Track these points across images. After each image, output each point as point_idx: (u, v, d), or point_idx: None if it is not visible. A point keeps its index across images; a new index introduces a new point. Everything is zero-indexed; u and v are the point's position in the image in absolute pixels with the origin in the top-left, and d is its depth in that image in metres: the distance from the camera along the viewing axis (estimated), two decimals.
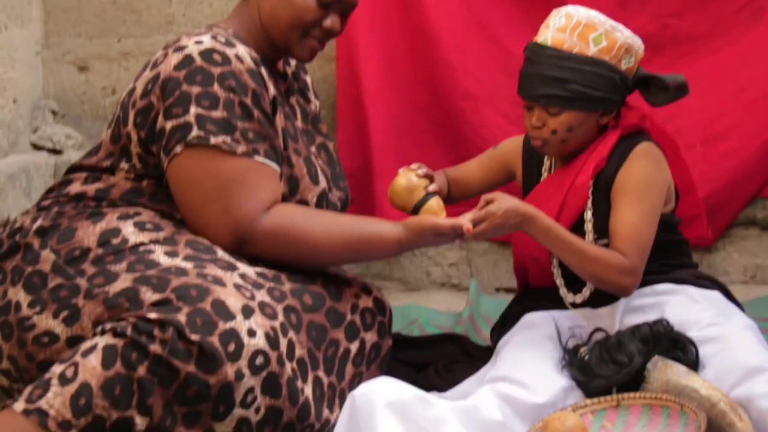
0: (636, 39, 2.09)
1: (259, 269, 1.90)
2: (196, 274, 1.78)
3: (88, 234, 1.86)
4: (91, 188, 1.97)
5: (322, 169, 2.09)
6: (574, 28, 2.05)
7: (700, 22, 2.93)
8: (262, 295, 1.82)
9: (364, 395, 1.70)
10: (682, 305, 2.03)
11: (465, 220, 1.94)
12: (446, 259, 3.08)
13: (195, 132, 1.86)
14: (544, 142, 2.09)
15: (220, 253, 1.89)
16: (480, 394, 1.84)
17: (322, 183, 2.06)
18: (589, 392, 1.90)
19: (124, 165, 1.97)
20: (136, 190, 1.96)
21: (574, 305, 2.13)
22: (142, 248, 1.84)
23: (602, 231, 2.07)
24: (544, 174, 2.20)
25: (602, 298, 2.09)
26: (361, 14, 2.96)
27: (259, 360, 1.73)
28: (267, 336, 1.75)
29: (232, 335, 1.71)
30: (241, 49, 1.94)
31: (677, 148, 2.25)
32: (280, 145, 1.97)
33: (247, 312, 1.74)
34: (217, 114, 1.87)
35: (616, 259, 2.00)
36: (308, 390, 1.83)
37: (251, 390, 1.72)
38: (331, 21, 2.01)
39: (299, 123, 2.13)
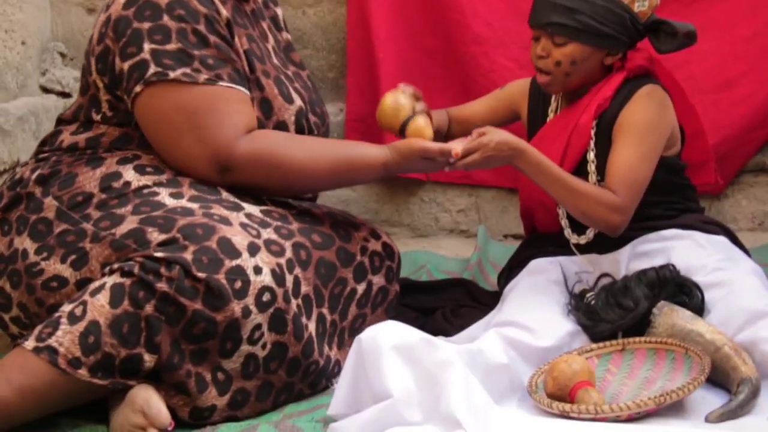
0: None
1: (265, 208, 1.90)
2: (202, 214, 1.79)
3: (89, 179, 1.87)
4: (81, 138, 1.96)
5: (296, 90, 2.07)
6: None
7: None
8: (268, 233, 1.82)
9: (371, 338, 1.71)
10: (688, 250, 2.03)
11: (454, 145, 1.94)
12: (455, 205, 3.08)
13: (152, 69, 1.84)
14: (548, 73, 2.08)
15: (225, 194, 1.89)
16: (486, 337, 1.86)
17: (298, 101, 2.03)
18: (595, 337, 1.91)
19: (95, 116, 1.96)
20: (124, 137, 1.95)
21: (578, 247, 2.13)
22: (146, 191, 1.85)
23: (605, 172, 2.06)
24: (550, 115, 2.19)
25: (607, 241, 2.09)
26: None
27: (266, 297, 1.74)
28: (273, 273, 1.75)
29: (239, 272, 1.72)
30: None
31: (684, 92, 2.23)
32: (244, 67, 1.94)
33: (253, 249, 1.75)
34: (172, 46, 1.84)
35: (607, 196, 2.00)
36: (312, 326, 1.84)
37: (258, 327, 1.74)
38: None
39: (271, 45, 2.11)
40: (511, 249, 2.41)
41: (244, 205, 1.88)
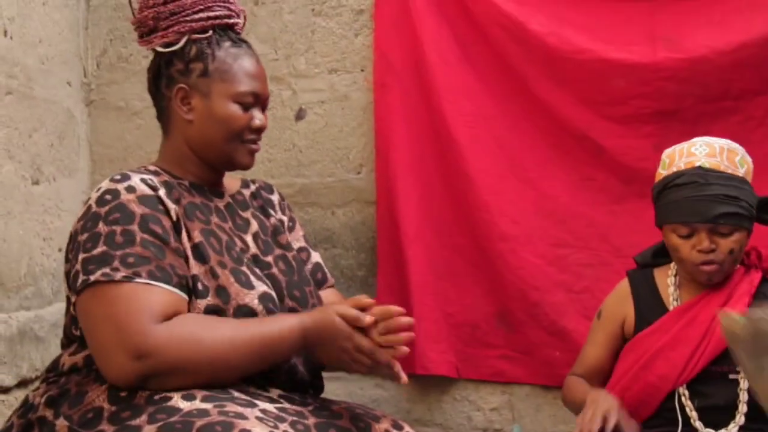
0: None
1: (280, 405, 1.88)
2: (217, 413, 1.76)
3: (97, 394, 1.85)
4: (79, 358, 1.96)
5: (269, 276, 2.07)
6: (721, 153, 2.10)
7: None
8: (285, 427, 1.79)
9: None
10: None
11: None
12: (488, 403, 3.03)
13: (80, 278, 1.86)
14: (720, 264, 2.10)
15: (236, 393, 1.87)
16: None
17: (261, 287, 2.01)
18: None
19: (75, 332, 1.97)
20: None
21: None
22: (157, 397, 1.83)
23: None
24: (673, 303, 2.19)
25: None
26: (400, 159, 3.04)
27: None
28: None
29: None
30: (136, 179, 1.94)
31: None
32: (181, 261, 1.94)
33: None
34: (98, 250, 1.87)
35: None
36: None
37: None
38: (258, 119, 2.05)
39: (252, 232, 2.13)
40: None
41: (258, 402, 1.86)
